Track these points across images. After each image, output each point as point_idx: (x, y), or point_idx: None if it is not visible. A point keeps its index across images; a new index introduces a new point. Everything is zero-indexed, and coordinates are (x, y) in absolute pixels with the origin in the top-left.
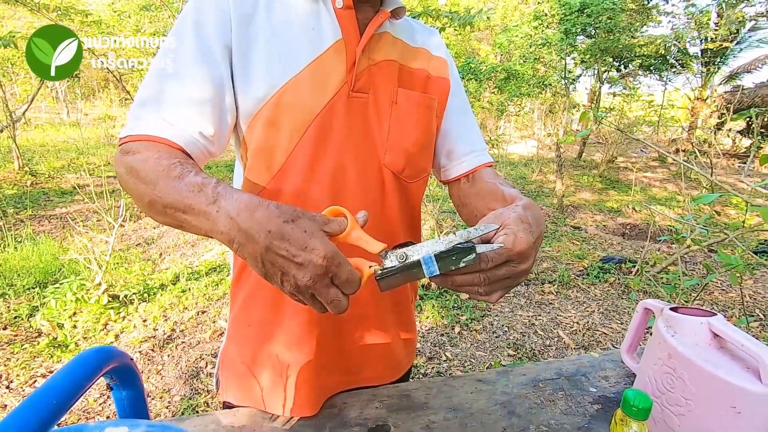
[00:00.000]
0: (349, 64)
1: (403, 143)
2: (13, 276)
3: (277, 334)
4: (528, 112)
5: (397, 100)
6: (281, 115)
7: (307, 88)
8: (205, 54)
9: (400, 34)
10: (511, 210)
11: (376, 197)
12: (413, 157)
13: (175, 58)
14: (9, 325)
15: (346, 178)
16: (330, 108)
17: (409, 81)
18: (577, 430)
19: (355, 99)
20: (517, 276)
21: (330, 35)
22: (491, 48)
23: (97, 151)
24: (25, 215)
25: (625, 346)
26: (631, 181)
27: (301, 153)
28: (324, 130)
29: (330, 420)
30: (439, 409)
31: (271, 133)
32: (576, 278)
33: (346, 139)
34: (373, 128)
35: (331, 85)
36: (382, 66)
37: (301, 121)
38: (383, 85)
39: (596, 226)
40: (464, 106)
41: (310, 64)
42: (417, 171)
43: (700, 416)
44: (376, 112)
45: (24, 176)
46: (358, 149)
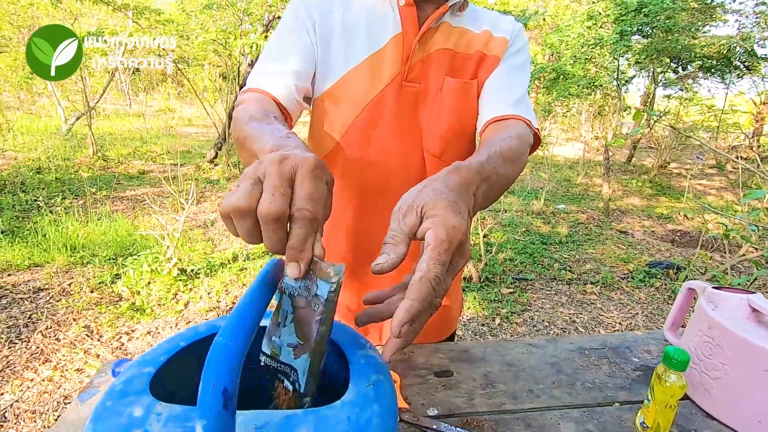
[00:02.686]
0: (404, 56)
1: (439, 129)
2: (95, 248)
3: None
4: (575, 114)
5: (442, 88)
6: (338, 102)
7: (362, 79)
8: (300, 35)
9: (462, 23)
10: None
11: (417, 178)
12: (450, 141)
13: (280, 39)
14: (95, 289)
15: (390, 160)
16: (381, 97)
17: (460, 67)
18: (619, 389)
19: (407, 88)
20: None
21: (391, 30)
22: (540, 48)
23: (158, 141)
24: (101, 195)
25: (668, 324)
26: (683, 188)
27: (353, 137)
28: (373, 116)
29: (401, 363)
30: (494, 363)
31: (327, 119)
32: (620, 281)
33: (394, 124)
34: (420, 115)
35: (385, 75)
36: (435, 56)
37: (353, 108)
38: (434, 75)
39: (644, 232)
40: (510, 75)
41: (369, 57)
42: (459, 153)
43: (734, 379)
44: (425, 100)
45: (97, 161)
46: (405, 134)
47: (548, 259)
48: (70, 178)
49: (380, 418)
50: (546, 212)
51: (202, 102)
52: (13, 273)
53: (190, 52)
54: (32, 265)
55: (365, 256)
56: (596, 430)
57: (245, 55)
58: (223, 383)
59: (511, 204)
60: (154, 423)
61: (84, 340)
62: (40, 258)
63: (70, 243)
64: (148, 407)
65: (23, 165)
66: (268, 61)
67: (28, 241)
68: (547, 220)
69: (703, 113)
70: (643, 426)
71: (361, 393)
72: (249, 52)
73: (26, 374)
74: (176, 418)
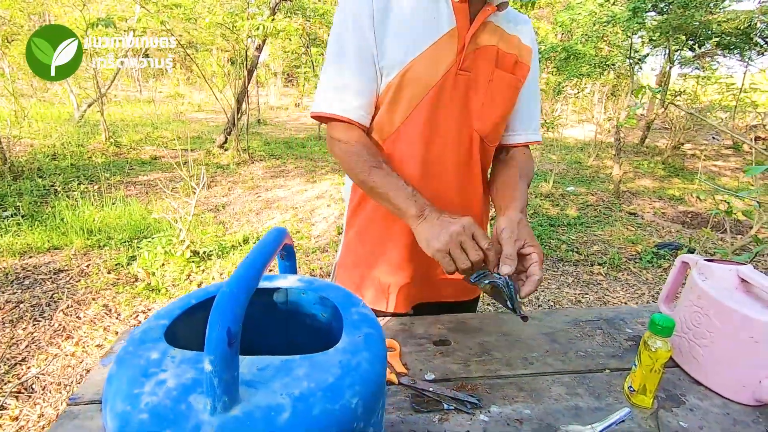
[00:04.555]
0: (459, 47)
1: (493, 114)
2: (111, 231)
3: (380, 263)
4: (588, 95)
5: (493, 79)
6: (404, 87)
7: (426, 66)
8: (362, 42)
9: (501, 23)
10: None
11: (466, 155)
12: (497, 126)
13: (343, 49)
14: (112, 270)
15: (447, 140)
16: (442, 83)
17: (503, 63)
18: (611, 357)
19: (461, 76)
20: None
21: (446, 24)
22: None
23: (169, 126)
24: (115, 180)
25: (662, 296)
26: (697, 169)
27: (417, 119)
28: (434, 101)
29: (402, 333)
30: (491, 333)
31: (394, 101)
32: (627, 262)
33: (451, 108)
34: (471, 100)
35: (443, 64)
36: (484, 50)
37: (417, 94)
38: (483, 66)
39: (654, 213)
40: (535, 90)
41: (430, 47)
42: (496, 137)
43: (721, 346)
44: (475, 88)
45: (110, 147)
46: (458, 116)
47: (556, 241)
48: (85, 164)
49: (369, 364)
50: (555, 194)
51: (211, 87)
52: (34, 255)
53: (198, 37)
54: (51, 247)
55: None
56: (586, 394)
57: (252, 38)
58: (228, 324)
59: None
60: (170, 364)
61: (103, 318)
62: (59, 241)
63: (86, 226)
64: (164, 352)
65: (39, 151)
66: (337, 77)
67: (47, 224)
68: (555, 202)
69: (721, 92)
70: (631, 390)
71: (352, 342)
72: (256, 35)
73: (50, 349)
74: (188, 361)
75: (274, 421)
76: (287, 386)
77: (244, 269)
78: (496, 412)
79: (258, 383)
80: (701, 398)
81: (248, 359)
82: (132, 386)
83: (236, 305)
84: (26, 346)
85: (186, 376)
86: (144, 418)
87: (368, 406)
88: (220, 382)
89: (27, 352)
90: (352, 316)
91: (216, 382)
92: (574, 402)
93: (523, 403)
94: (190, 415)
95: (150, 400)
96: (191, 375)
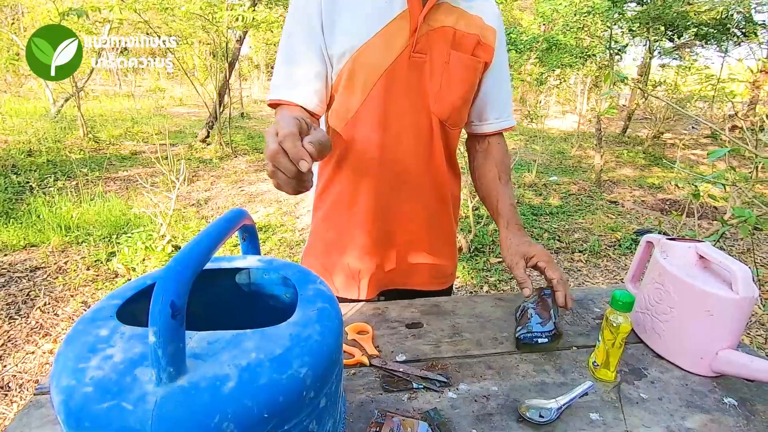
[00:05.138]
0: (411, 29)
1: (450, 96)
2: (89, 227)
3: (349, 248)
4: (571, 86)
5: (449, 61)
6: (357, 72)
7: (377, 50)
8: (310, 33)
9: (459, 2)
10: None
11: (426, 139)
12: (457, 108)
13: (291, 39)
14: (91, 266)
15: (404, 123)
16: (394, 66)
17: (460, 44)
18: (578, 335)
19: (415, 59)
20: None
21: (398, 6)
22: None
23: (149, 121)
24: (93, 176)
25: (629, 276)
26: (677, 158)
27: (372, 103)
28: (388, 86)
29: (375, 317)
30: (463, 316)
31: (348, 87)
32: (607, 249)
33: (405, 92)
34: (426, 83)
35: (396, 47)
36: (439, 32)
37: (369, 79)
38: (438, 48)
39: (634, 201)
40: (502, 73)
41: (381, 31)
42: (458, 120)
43: (680, 321)
44: (431, 70)
45: (88, 142)
46: (414, 100)
47: (538, 230)
48: (62, 160)
49: (321, 336)
50: (538, 184)
51: (192, 81)
52: (9, 253)
53: (176, 28)
54: (28, 245)
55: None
56: (553, 370)
57: (233, 29)
58: (171, 297)
59: None
60: (118, 340)
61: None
62: (36, 238)
63: (64, 223)
64: (114, 328)
65: (14, 148)
66: (286, 66)
67: (23, 222)
68: (538, 192)
69: (700, 82)
70: (595, 365)
71: (305, 315)
72: (236, 26)
73: (27, 347)
74: (138, 336)
75: (219, 390)
76: (235, 358)
77: (191, 245)
78: (464, 390)
79: (206, 356)
80: (662, 371)
81: (200, 334)
82: (78, 362)
83: (180, 279)
84: (1, 345)
85: (134, 351)
86: (88, 391)
87: (319, 377)
88: (164, 353)
89: (3, 351)
90: (308, 292)
91: (160, 353)
92: (540, 378)
93: (491, 380)
94: (135, 386)
95: (95, 374)
96: (139, 349)
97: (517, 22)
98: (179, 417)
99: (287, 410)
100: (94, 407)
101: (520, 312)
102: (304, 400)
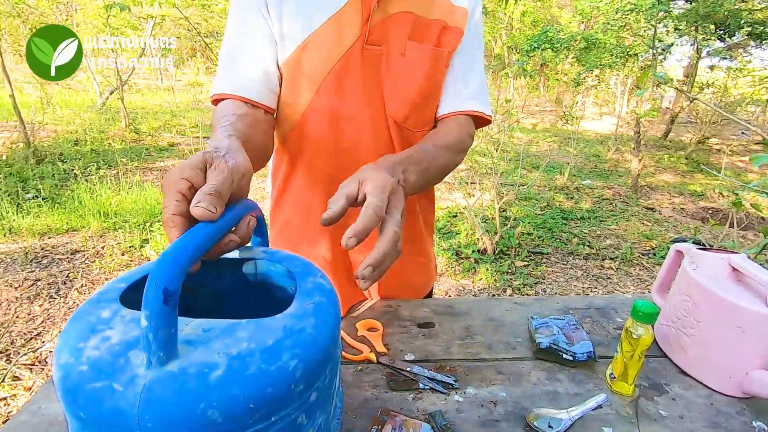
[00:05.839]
0: (364, 18)
1: (407, 94)
2: (126, 214)
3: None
4: (610, 87)
5: (405, 53)
6: (302, 67)
7: (324, 43)
8: (256, 18)
9: None
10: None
11: (386, 144)
12: (417, 107)
13: (236, 29)
14: (126, 252)
15: (361, 127)
16: (344, 61)
17: (422, 32)
18: (597, 345)
19: (369, 51)
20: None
21: None
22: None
23: (187, 114)
24: (132, 166)
25: (656, 286)
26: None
27: (319, 103)
28: (338, 81)
29: (386, 315)
30: (477, 318)
31: (294, 84)
32: (641, 257)
33: (359, 90)
34: (383, 80)
35: (346, 39)
36: (396, 18)
37: (318, 73)
38: (395, 38)
39: (673, 209)
40: (470, 53)
41: (329, 20)
42: (422, 121)
43: (708, 336)
44: (387, 64)
45: (129, 134)
46: (370, 99)
47: (567, 234)
48: (105, 150)
49: (315, 330)
50: (570, 187)
51: None
52: (53, 236)
53: (215, 24)
54: (70, 229)
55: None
56: (566, 380)
57: None
58: (164, 283)
59: (533, 179)
60: (118, 323)
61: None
62: (77, 223)
63: (103, 210)
64: (116, 311)
65: (62, 137)
66: (231, 59)
67: (66, 207)
68: (570, 195)
69: (753, 85)
70: (612, 377)
71: (300, 308)
72: None
73: (63, 326)
74: (136, 320)
75: (206, 377)
76: (227, 346)
77: (189, 233)
78: (472, 394)
79: (199, 343)
80: (686, 388)
81: (196, 321)
82: (78, 341)
83: (175, 266)
84: (41, 322)
85: (131, 334)
86: (84, 369)
87: (310, 370)
88: (155, 337)
89: (42, 327)
90: (307, 285)
91: (151, 337)
92: (552, 387)
93: (500, 385)
94: (126, 368)
95: (92, 354)
96: (136, 333)
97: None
98: (166, 401)
99: (275, 402)
100: (87, 386)
101: (538, 324)
102: (293, 393)
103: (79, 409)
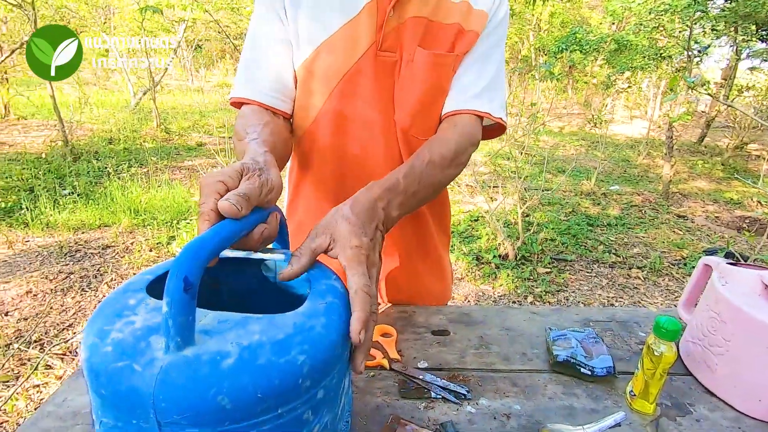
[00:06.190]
0: (378, 24)
1: (409, 100)
2: (154, 212)
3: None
4: (642, 90)
5: (413, 59)
6: (316, 72)
7: (338, 49)
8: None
9: None
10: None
11: (395, 152)
12: (419, 114)
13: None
14: (153, 248)
15: (371, 133)
16: (357, 68)
17: (434, 37)
18: (618, 360)
19: (383, 58)
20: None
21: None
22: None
23: (215, 114)
24: (162, 165)
25: (682, 300)
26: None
27: (331, 107)
28: (351, 87)
29: (401, 321)
30: (493, 327)
31: (308, 88)
32: (670, 267)
33: (371, 96)
34: (395, 86)
35: (360, 45)
36: (409, 24)
37: (331, 78)
38: (408, 44)
39: (706, 217)
40: (483, 53)
41: (343, 27)
42: (427, 128)
43: (737, 355)
44: (399, 71)
45: (160, 133)
46: (381, 106)
47: (592, 241)
48: (137, 149)
49: (324, 329)
50: (597, 193)
51: None
52: (86, 231)
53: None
54: (102, 224)
55: None
56: (583, 395)
57: None
58: (185, 273)
59: (558, 184)
60: (142, 310)
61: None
62: (109, 219)
63: (133, 207)
64: (141, 300)
65: (97, 136)
66: (252, 62)
67: (99, 203)
68: (596, 201)
69: None
70: (632, 395)
71: (312, 307)
72: None
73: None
74: (159, 309)
75: (219, 364)
76: (240, 337)
77: (213, 229)
78: (485, 405)
79: (214, 333)
80: (711, 409)
81: (213, 314)
82: (104, 324)
83: (196, 257)
84: (73, 314)
85: (153, 320)
86: (108, 350)
87: (317, 368)
88: (174, 323)
89: (74, 319)
90: (320, 287)
91: (171, 323)
92: (569, 402)
93: (514, 398)
94: (146, 351)
95: (116, 336)
96: (158, 320)
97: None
98: (180, 384)
99: (282, 394)
100: (110, 365)
101: (556, 335)
102: (299, 388)
103: (101, 386)
